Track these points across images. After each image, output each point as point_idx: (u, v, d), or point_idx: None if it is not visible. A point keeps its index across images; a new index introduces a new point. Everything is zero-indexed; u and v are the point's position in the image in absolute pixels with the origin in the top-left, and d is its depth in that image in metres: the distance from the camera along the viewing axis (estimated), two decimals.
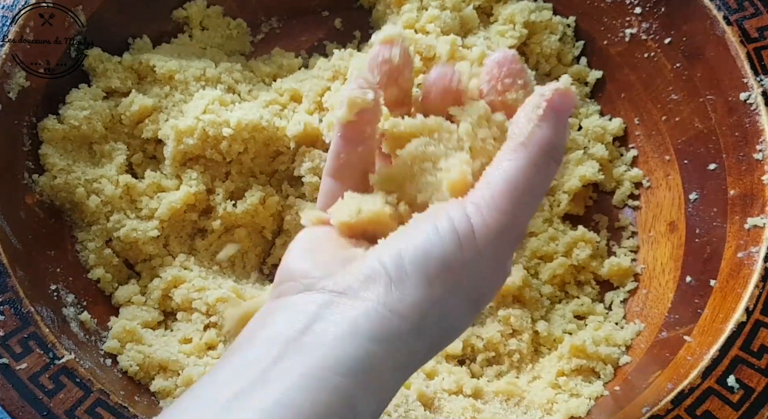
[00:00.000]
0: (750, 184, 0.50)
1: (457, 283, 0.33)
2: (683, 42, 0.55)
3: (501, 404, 0.51)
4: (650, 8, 0.57)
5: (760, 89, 0.50)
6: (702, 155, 0.54)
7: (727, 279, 0.49)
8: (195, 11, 0.62)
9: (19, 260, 0.48)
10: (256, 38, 0.65)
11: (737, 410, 0.44)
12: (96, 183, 0.55)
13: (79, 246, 0.55)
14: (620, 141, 0.61)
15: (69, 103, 0.55)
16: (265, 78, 0.63)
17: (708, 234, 0.52)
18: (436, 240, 0.32)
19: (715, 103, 0.53)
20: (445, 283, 0.32)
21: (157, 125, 0.57)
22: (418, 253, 0.32)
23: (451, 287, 0.32)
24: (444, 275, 0.32)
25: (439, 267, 0.32)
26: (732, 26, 0.52)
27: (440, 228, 0.33)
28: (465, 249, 0.32)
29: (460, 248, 0.32)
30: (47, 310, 0.48)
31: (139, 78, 0.59)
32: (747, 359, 0.45)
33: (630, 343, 0.53)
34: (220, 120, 0.55)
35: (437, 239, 0.32)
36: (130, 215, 0.55)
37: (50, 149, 0.54)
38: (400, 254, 0.32)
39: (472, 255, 0.32)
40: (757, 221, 0.49)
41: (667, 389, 0.45)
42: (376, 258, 0.33)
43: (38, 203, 0.54)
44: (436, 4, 0.59)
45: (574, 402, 0.50)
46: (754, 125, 0.50)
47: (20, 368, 0.45)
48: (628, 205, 0.59)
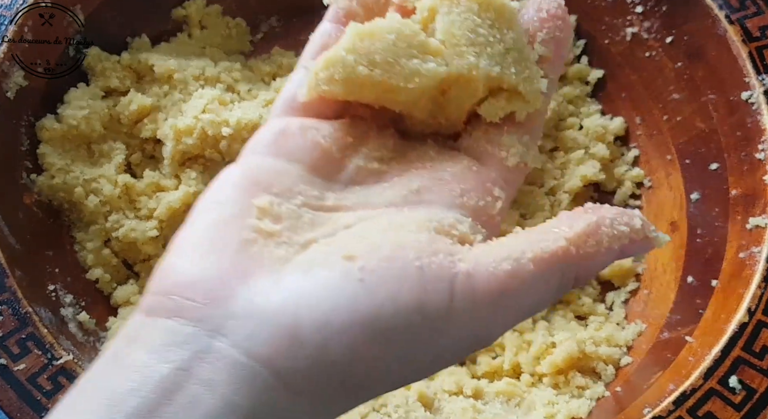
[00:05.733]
0: (752, 184, 0.50)
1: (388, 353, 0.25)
2: (684, 41, 0.55)
3: (501, 405, 0.51)
4: (651, 7, 0.57)
5: (762, 89, 0.50)
6: (703, 154, 0.54)
7: (728, 280, 0.49)
8: (194, 10, 0.62)
9: (17, 260, 0.48)
10: (255, 37, 0.65)
11: (739, 411, 0.44)
12: (94, 183, 0.54)
13: (78, 246, 0.55)
14: (621, 141, 0.61)
15: (67, 103, 0.55)
16: (265, 77, 0.62)
17: (709, 234, 0.52)
18: (390, 306, 0.25)
19: (716, 103, 0.53)
20: (371, 356, 0.25)
21: (156, 124, 0.57)
22: (356, 314, 0.24)
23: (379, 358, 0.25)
24: (376, 345, 0.25)
25: (378, 336, 0.25)
26: (734, 25, 0.51)
27: (402, 297, 0.25)
28: (432, 321, 0.25)
29: (424, 318, 0.25)
30: (45, 310, 0.48)
31: (137, 77, 0.59)
32: (749, 360, 0.45)
33: (631, 344, 0.53)
34: (219, 119, 0.54)
35: (391, 305, 0.25)
36: (128, 215, 0.55)
37: (48, 148, 0.54)
38: (321, 310, 0.24)
39: (437, 328, 0.25)
40: (759, 221, 0.48)
41: (669, 390, 0.45)
42: (285, 292, 0.25)
43: (36, 203, 0.53)
44: None
45: (575, 402, 0.50)
46: (756, 124, 0.50)
47: (18, 369, 0.44)
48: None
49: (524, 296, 0.26)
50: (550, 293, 0.27)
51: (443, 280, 0.25)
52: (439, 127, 0.33)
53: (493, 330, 0.27)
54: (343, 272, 0.25)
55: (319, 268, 0.25)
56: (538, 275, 0.26)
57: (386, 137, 0.32)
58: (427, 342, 0.26)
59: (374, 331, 0.25)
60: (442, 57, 0.30)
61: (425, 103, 0.32)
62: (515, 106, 0.31)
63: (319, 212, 0.29)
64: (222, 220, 0.28)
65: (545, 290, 0.27)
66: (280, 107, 0.32)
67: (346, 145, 0.31)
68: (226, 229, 0.27)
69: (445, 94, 0.32)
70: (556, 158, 0.60)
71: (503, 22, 0.31)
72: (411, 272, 0.25)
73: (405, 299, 0.25)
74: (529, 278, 0.26)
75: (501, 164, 0.31)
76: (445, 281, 0.25)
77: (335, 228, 0.28)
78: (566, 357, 0.52)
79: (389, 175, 0.31)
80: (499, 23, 0.31)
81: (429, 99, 0.32)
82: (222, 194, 0.29)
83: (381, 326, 0.24)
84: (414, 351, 0.26)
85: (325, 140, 0.30)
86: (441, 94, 0.32)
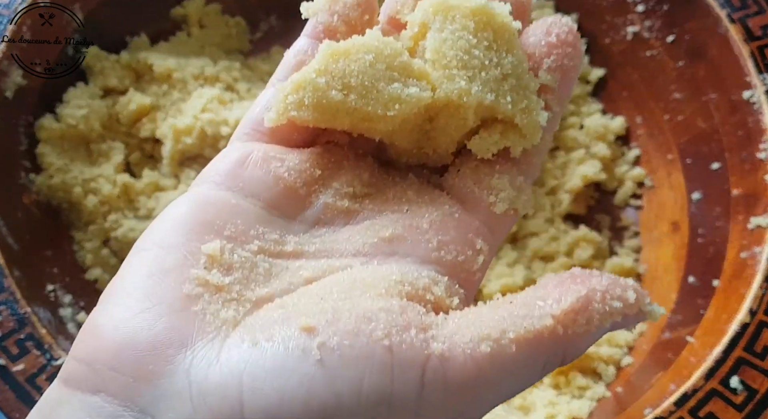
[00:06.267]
0: (753, 183, 0.50)
1: None
2: (686, 40, 0.55)
3: (502, 405, 0.51)
4: (653, 6, 0.56)
5: (763, 88, 0.50)
6: (705, 154, 0.54)
7: (730, 280, 0.49)
8: (193, 9, 0.62)
9: (16, 260, 0.48)
10: (254, 36, 0.65)
11: (740, 411, 0.43)
12: (93, 183, 0.54)
13: (77, 246, 0.54)
14: (622, 140, 0.60)
15: (66, 102, 0.55)
16: (264, 76, 0.62)
17: (711, 234, 0.52)
18: (351, 395, 0.21)
19: (717, 102, 0.53)
20: None
21: (155, 123, 0.57)
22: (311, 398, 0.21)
23: None
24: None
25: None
26: (735, 24, 0.51)
27: (367, 384, 0.21)
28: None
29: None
30: (44, 311, 0.48)
31: (137, 76, 0.59)
32: (750, 360, 0.44)
33: (632, 344, 0.53)
34: (218, 119, 0.54)
35: (353, 394, 0.21)
36: (127, 215, 0.55)
37: (47, 148, 0.54)
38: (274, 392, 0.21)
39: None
40: (760, 221, 0.48)
41: (670, 390, 0.45)
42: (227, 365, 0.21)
43: (35, 203, 0.53)
44: None
45: (576, 403, 0.50)
46: (758, 123, 0.50)
47: (17, 369, 0.44)
48: (630, 205, 0.59)
49: (504, 382, 0.23)
50: (533, 377, 0.24)
51: (414, 366, 0.22)
52: (426, 158, 0.30)
53: (470, 415, 0.23)
54: (299, 348, 0.21)
55: (271, 341, 0.21)
56: (520, 358, 0.23)
57: (362, 169, 0.28)
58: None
59: None
60: (427, 81, 0.27)
61: (409, 132, 0.29)
62: (510, 140, 0.28)
63: (277, 260, 0.25)
64: (162, 268, 0.23)
65: (528, 374, 0.24)
66: (245, 130, 0.29)
67: (314, 179, 0.27)
68: (166, 280, 0.23)
69: (432, 122, 0.28)
70: (557, 158, 0.60)
71: (502, 43, 0.28)
72: (378, 353, 0.22)
73: (369, 389, 0.21)
74: (510, 362, 0.23)
75: (487, 210, 0.28)
76: (415, 368, 0.22)
77: (294, 282, 0.25)
78: None
79: (360, 216, 0.27)
80: (497, 45, 0.27)
81: (414, 127, 0.28)
82: (165, 235, 0.24)
83: (339, 418, 0.21)
84: None
85: (290, 174, 0.27)
86: (428, 121, 0.28)
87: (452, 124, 0.28)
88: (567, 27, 0.28)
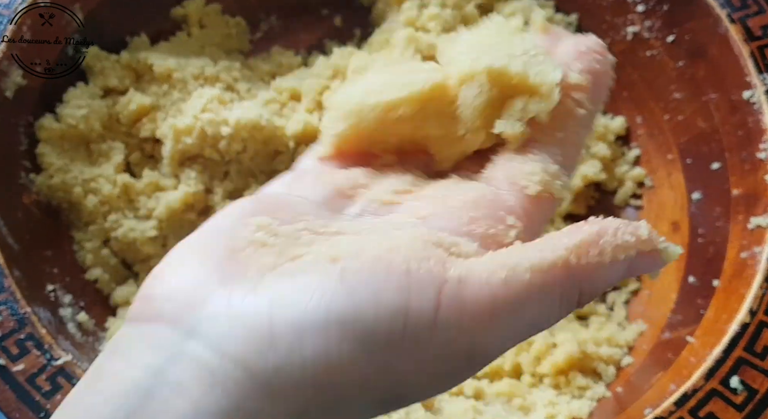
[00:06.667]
0: (753, 183, 0.50)
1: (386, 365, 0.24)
2: (686, 40, 0.55)
3: (502, 405, 0.51)
4: (653, 6, 0.56)
5: (763, 88, 0.50)
6: (705, 154, 0.54)
7: (730, 280, 0.49)
8: (193, 9, 0.62)
9: (16, 260, 0.48)
10: (255, 36, 0.65)
11: (741, 411, 0.43)
12: (93, 183, 0.54)
13: (77, 246, 0.54)
14: (622, 140, 0.60)
15: (66, 102, 0.55)
16: (265, 76, 0.62)
17: (711, 234, 0.52)
18: (369, 306, 0.23)
19: (718, 102, 0.53)
20: (363, 359, 0.23)
21: (155, 124, 0.57)
22: (342, 310, 0.23)
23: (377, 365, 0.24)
24: (352, 348, 0.23)
25: (355, 338, 0.23)
26: (735, 24, 0.51)
27: (384, 298, 0.23)
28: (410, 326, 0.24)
29: (403, 327, 0.23)
30: (44, 311, 0.48)
31: (137, 76, 0.59)
32: (751, 360, 0.44)
33: (632, 344, 0.53)
34: (218, 119, 0.54)
35: (371, 306, 0.23)
36: (128, 215, 0.55)
37: (47, 148, 0.54)
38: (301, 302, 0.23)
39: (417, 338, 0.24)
40: (760, 221, 0.48)
41: (670, 390, 0.45)
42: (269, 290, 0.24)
43: (35, 203, 0.53)
44: (436, 1, 0.59)
45: (576, 403, 0.50)
46: (758, 123, 0.50)
47: (17, 369, 0.44)
48: (630, 205, 0.59)
49: (520, 310, 0.24)
50: (552, 309, 0.25)
51: (430, 285, 0.24)
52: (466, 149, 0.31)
53: (487, 347, 0.25)
54: (324, 272, 0.24)
55: (302, 272, 0.25)
56: (535, 286, 0.24)
57: (407, 175, 0.31)
58: (410, 352, 0.24)
59: (351, 332, 0.23)
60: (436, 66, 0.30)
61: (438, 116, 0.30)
62: (532, 107, 0.29)
63: (320, 236, 0.27)
64: (217, 230, 0.28)
65: (545, 305, 0.25)
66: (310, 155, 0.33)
67: (362, 184, 0.30)
68: (219, 238, 0.27)
69: (453, 104, 0.30)
70: None
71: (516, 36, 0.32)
72: (396, 273, 0.24)
73: (386, 302, 0.23)
74: (526, 289, 0.24)
75: (521, 192, 0.29)
76: (432, 287, 0.24)
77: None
78: (567, 358, 0.52)
79: (401, 207, 0.29)
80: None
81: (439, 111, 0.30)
82: (226, 212, 0.29)
83: (359, 328, 0.23)
84: (394, 361, 0.24)
85: (341, 182, 0.30)
86: (449, 105, 0.30)
87: (470, 94, 0.30)
88: (594, 40, 0.30)
